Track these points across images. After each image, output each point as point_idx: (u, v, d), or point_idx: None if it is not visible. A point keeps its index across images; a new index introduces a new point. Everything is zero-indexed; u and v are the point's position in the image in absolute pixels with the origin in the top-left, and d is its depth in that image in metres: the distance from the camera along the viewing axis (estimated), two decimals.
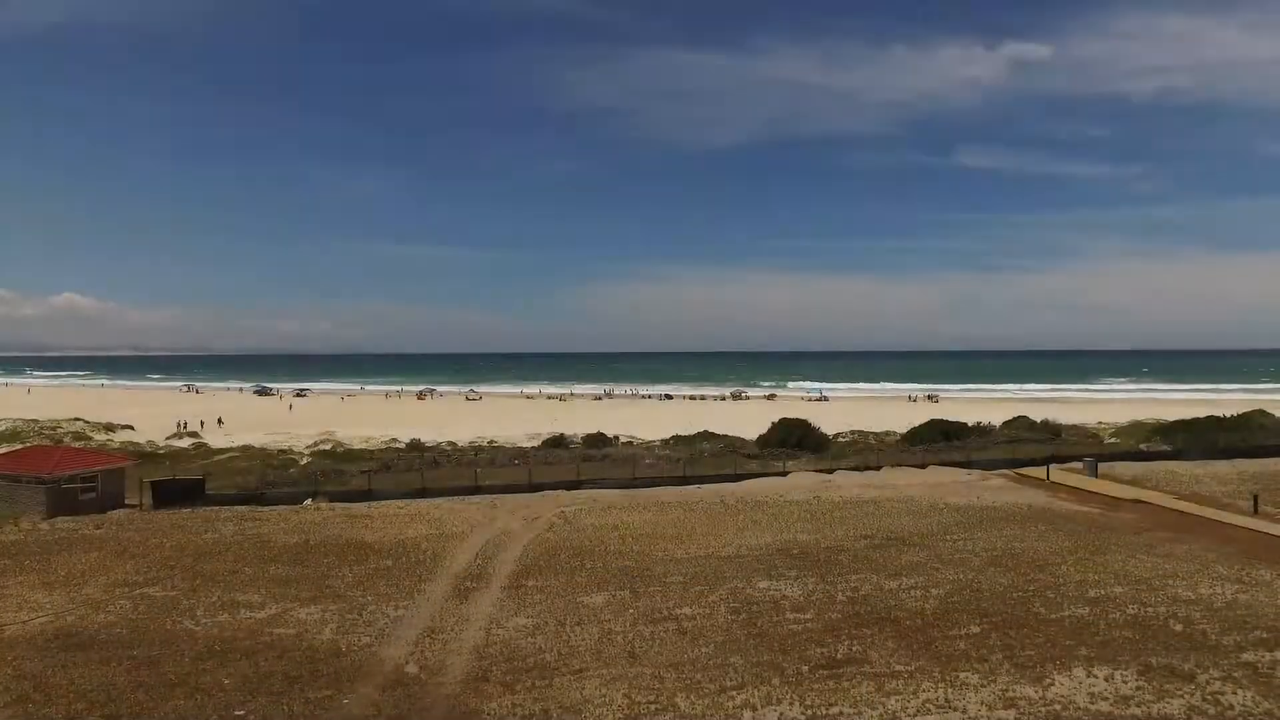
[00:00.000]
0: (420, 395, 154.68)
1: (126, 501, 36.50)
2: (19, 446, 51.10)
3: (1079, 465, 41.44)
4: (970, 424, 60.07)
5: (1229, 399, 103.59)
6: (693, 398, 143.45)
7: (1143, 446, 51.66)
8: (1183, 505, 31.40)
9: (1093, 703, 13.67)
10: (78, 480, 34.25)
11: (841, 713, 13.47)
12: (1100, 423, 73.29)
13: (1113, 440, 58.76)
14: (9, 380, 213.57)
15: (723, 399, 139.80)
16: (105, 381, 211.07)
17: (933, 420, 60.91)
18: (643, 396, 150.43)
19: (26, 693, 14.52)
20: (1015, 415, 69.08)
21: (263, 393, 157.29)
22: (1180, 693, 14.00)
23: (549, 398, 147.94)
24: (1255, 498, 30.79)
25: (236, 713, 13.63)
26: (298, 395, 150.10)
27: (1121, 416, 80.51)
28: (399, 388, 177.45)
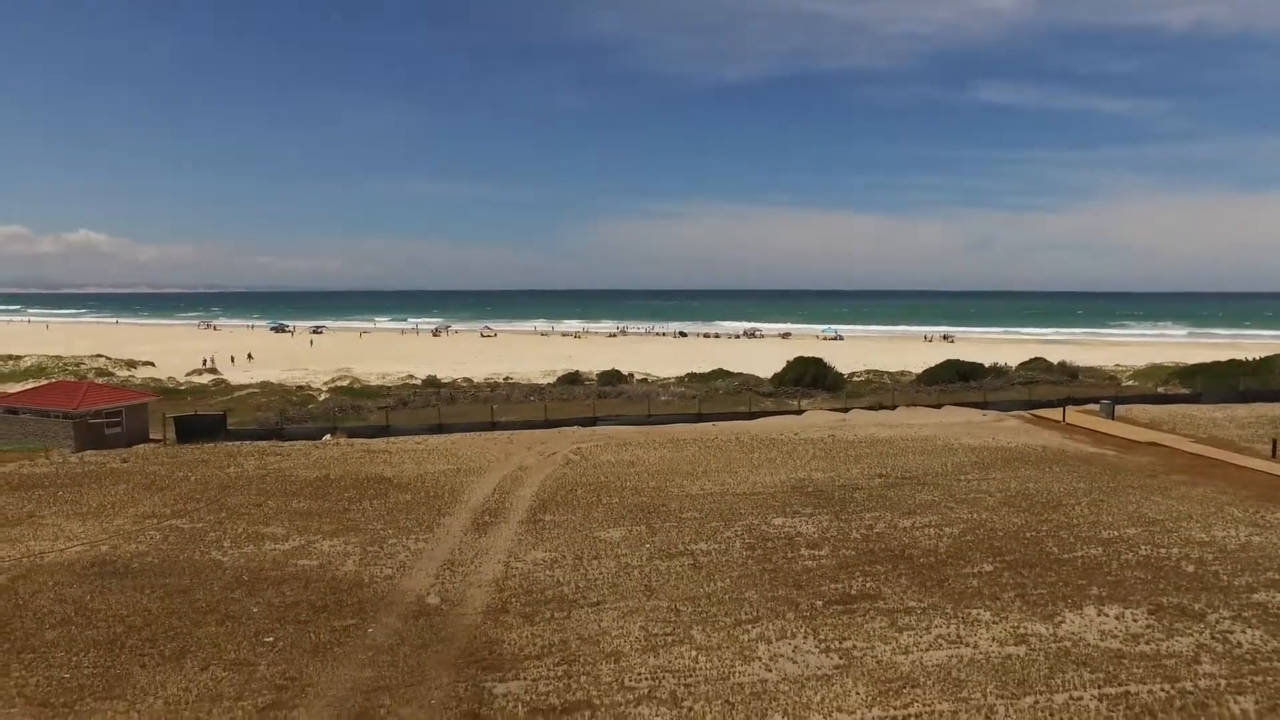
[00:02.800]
0: (435, 332, 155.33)
1: (151, 436, 37.18)
2: (45, 382, 51.96)
3: (1095, 407, 41.27)
4: (986, 365, 59.76)
5: (1253, 343, 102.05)
6: (708, 335, 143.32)
7: (1161, 389, 51.33)
8: (1199, 448, 31.30)
9: (1102, 640, 13.86)
10: (103, 415, 34.87)
11: (855, 646, 13.74)
12: (1118, 365, 72.75)
13: (1130, 383, 58.38)
14: (30, 317, 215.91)
15: (738, 337, 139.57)
16: (120, 319, 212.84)
17: (948, 360, 60.60)
18: (657, 334, 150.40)
19: (69, 616, 15.06)
20: (1032, 357, 68.56)
21: (279, 330, 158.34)
22: (1190, 631, 14.16)
23: (563, 335, 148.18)
24: (1275, 442, 30.61)
25: (266, 639, 14.08)
26: (314, 332, 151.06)
27: (1140, 359, 79.81)
28: (414, 324, 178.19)
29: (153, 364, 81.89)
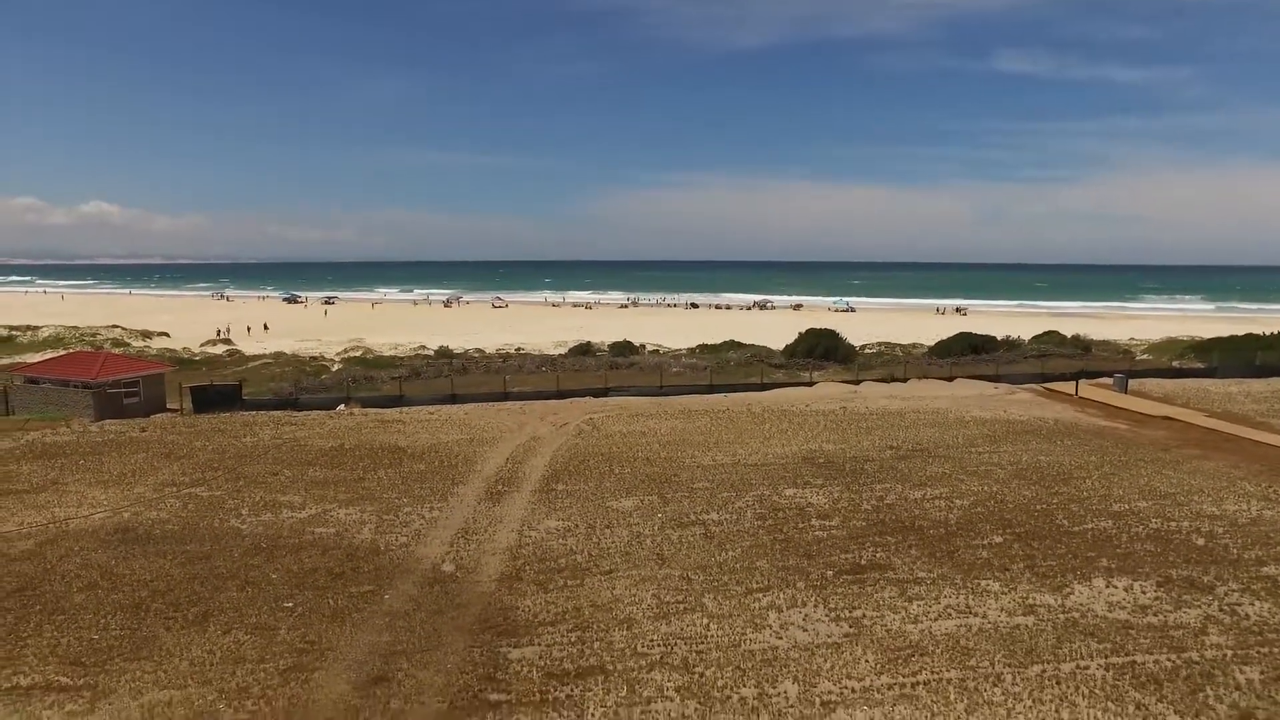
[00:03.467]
0: (447, 303, 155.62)
1: (168, 406, 37.63)
2: (62, 352, 52.55)
3: (1109, 381, 41.07)
4: (999, 338, 59.49)
5: (1274, 317, 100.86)
6: (719, 307, 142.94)
7: (1175, 363, 50.99)
8: (1213, 423, 31.17)
9: (1110, 611, 13.98)
10: (121, 385, 35.29)
11: (864, 615, 13.91)
12: (1132, 339, 72.21)
13: (1145, 356, 58.01)
14: (45, 288, 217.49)
15: (749, 308, 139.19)
16: (133, 290, 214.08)
17: (961, 333, 60.37)
18: (669, 305, 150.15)
19: (96, 580, 15.43)
20: (1045, 330, 68.16)
21: (291, 300, 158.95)
22: (1198, 603, 14.26)
23: (575, 306, 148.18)
24: None
25: (285, 604, 14.39)
26: (326, 303, 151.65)
27: (1156, 333, 79.18)
28: (426, 295, 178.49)
29: (167, 334, 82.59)
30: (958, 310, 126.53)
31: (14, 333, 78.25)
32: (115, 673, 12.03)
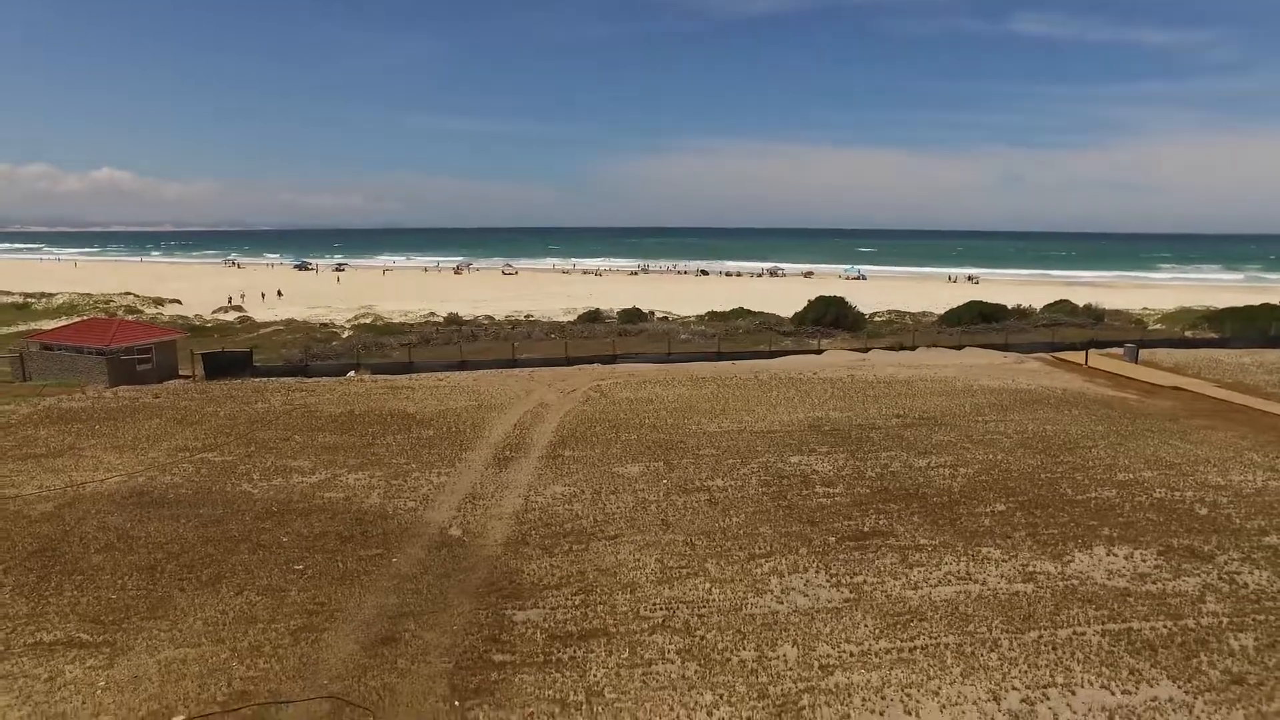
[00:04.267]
0: (457, 270, 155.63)
1: (180, 372, 38.02)
2: (76, 319, 53.02)
3: (1119, 351, 40.85)
4: (1010, 306, 59.14)
5: None
6: (729, 274, 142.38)
7: (1188, 333, 50.60)
8: (1223, 393, 31.02)
9: (1109, 579, 14.10)
10: (134, 352, 35.64)
11: (865, 581, 14.09)
12: (1145, 308, 71.61)
13: (1157, 326, 57.60)
14: (59, 255, 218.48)
15: (759, 276, 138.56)
16: (145, 257, 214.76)
17: (971, 302, 60.06)
18: (679, 272, 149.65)
19: (112, 542, 15.78)
20: (1057, 299, 67.66)
21: (302, 267, 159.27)
22: (1197, 572, 14.36)
23: (584, 273, 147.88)
24: None
25: (296, 567, 14.69)
26: (337, 269, 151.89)
27: (1170, 303, 78.42)
28: (436, 262, 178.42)
29: (179, 301, 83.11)
30: (970, 279, 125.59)
31: (29, 300, 78.93)
32: (133, 631, 12.37)
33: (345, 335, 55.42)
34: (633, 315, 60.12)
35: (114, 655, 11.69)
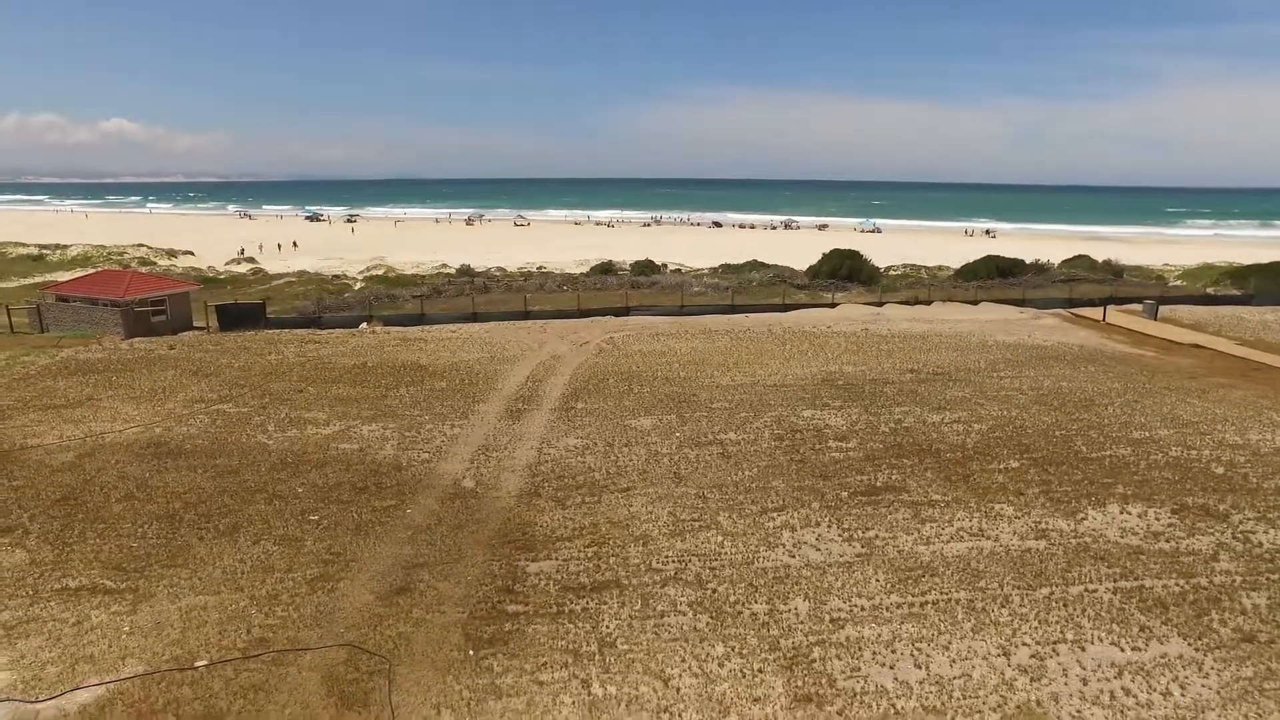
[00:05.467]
0: (469, 221, 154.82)
1: (194, 324, 38.20)
2: (90, 270, 53.22)
3: (1138, 307, 40.31)
4: (1028, 261, 58.29)
5: None
6: (743, 226, 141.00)
7: (1210, 290, 49.80)
8: (1244, 351, 30.60)
9: (1122, 536, 14.07)
10: (148, 304, 35.78)
11: (877, 536, 14.13)
12: (1167, 264, 70.45)
13: (1178, 283, 56.66)
14: (72, 206, 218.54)
15: (773, 228, 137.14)
16: (154, 208, 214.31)
17: (988, 256, 59.21)
18: (692, 224, 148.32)
19: (132, 491, 16.00)
20: (1076, 254, 66.59)
21: (314, 218, 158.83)
22: (1211, 530, 14.30)
23: (597, 224, 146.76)
24: None
25: (311, 517, 14.86)
26: (348, 221, 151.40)
27: (1193, 259, 77.04)
28: (448, 213, 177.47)
29: (192, 253, 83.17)
30: (987, 233, 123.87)
31: (44, 251, 79.18)
32: (154, 578, 12.59)
33: (358, 287, 55.42)
34: (646, 267, 59.71)
35: (137, 602, 11.92)
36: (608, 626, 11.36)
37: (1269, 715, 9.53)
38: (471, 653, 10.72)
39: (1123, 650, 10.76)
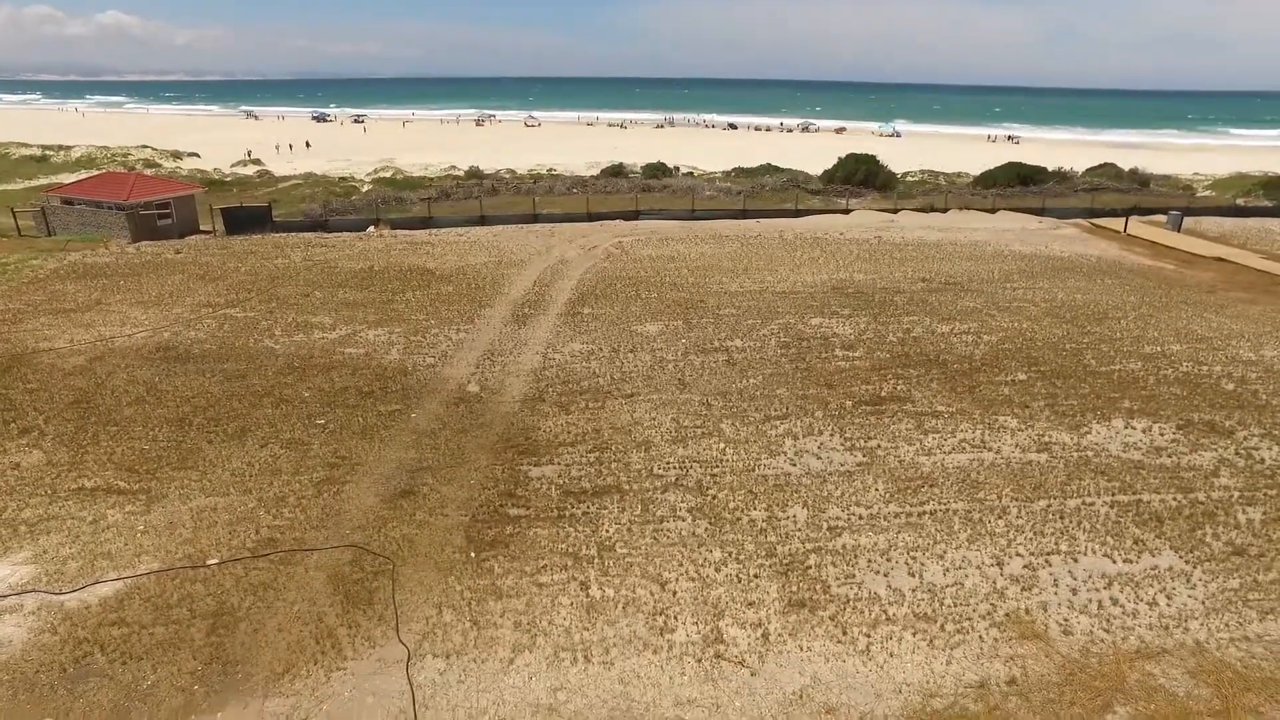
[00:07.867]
0: (478, 122, 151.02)
1: (200, 228, 37.86)
2: (94, 173, 52.52)
3: (1162, 218, 39.23)
4: (1050, 169, 56.53)
5: None
6: (758, 129, 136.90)
7: (1240, 201, 48.28)
8: (1268, 265, 29.89)
9: (1125, 451, 14.08)
10: (153, 207, 35.36)
11: (879, 446, 14.19)
12: (1196, 174, 68.14)
13: (1207, 193, 54.95)
14: (75, 105, 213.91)
15: (790, 131, 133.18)
16: (156, 108, 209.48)
17: (1009, 163, 57.43)
18: (707, 125, 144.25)
19: (142, 395, 16.20)
20: (1102, 162, 64.44)
21: (321, 119, 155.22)
22: (1214, 446, 14.27)
23: (609, 125, 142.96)
24: None
25: (318, 421, 15.04)
26: (356, 121, 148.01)
27: (1225, 168, 74.44)
28: (456, 114, 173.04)
29: (198, 155, 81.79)
30: (1010, 139, 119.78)
31: (47, 152, 78.04)
32: (165, 480, 12.87)
33: (365, 189, 54.59)
34: (656, 170, 58.34)
35: (150, 502, 12.22)
36: (608, 531, 11.58)
37: (1249, 624, 9.70)
38: (473, 555, 10.99)
39: (1114, 562, 10.91)
